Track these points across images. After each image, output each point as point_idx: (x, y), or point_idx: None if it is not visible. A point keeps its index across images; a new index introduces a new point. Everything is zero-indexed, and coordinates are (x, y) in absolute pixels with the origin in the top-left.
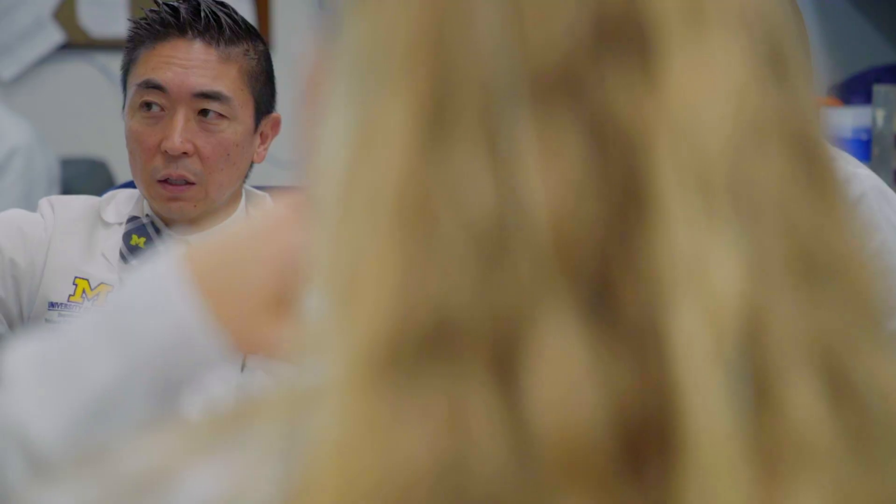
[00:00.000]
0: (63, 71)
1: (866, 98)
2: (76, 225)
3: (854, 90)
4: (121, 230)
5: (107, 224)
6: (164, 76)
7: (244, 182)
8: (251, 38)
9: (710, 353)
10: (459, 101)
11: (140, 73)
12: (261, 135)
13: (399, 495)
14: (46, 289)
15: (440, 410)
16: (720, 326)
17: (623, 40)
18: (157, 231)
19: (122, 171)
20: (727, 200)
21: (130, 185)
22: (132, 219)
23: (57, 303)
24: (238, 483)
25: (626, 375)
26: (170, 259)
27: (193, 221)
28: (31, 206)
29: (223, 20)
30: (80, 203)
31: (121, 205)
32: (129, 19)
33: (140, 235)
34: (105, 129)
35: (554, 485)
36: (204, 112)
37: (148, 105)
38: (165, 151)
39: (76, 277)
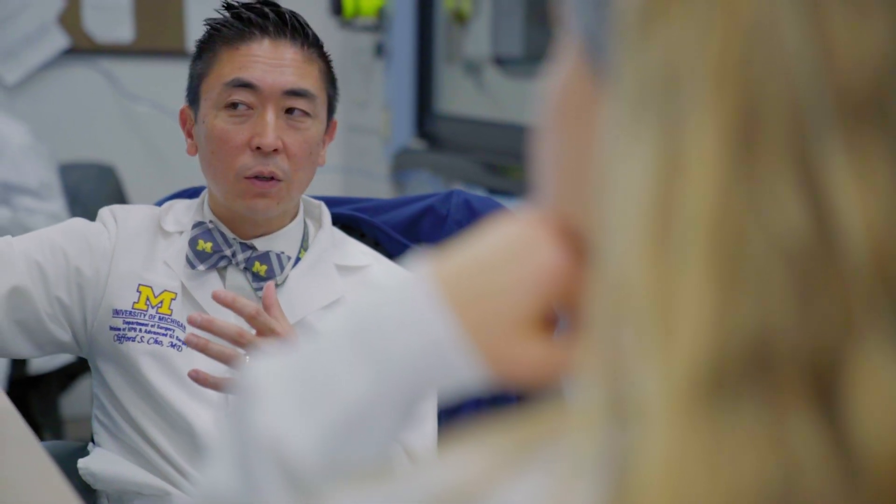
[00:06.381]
0: (67, 76)
1: None
2: (138, 234)
3: None
4: (180, 239)
5: (167, 233)
6: (253, 74)
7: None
8: (319, 44)
9: None
10: (769, 123)
11: (225, 73)
12: (324, 139)
13: None
14: (111, 296)
15: (763, 435)
16: None
17: None
18: (223, 236)
19: (129, 176)
20: None
21: (183, 194)
22: (197, 224)
23: (121, 310)
24: (554, 498)
25: None
26: (421, 276)
27: (265, 224)
28: None
29: (304, 24)
30: (140, 213)
31: (179, 214)
32: (206, 21)
33: (206, 240)
34: (109, 134)
35: None
36: (289, 110)
37: (234, 104)
38: (258, 148)
39: (140, 285)
